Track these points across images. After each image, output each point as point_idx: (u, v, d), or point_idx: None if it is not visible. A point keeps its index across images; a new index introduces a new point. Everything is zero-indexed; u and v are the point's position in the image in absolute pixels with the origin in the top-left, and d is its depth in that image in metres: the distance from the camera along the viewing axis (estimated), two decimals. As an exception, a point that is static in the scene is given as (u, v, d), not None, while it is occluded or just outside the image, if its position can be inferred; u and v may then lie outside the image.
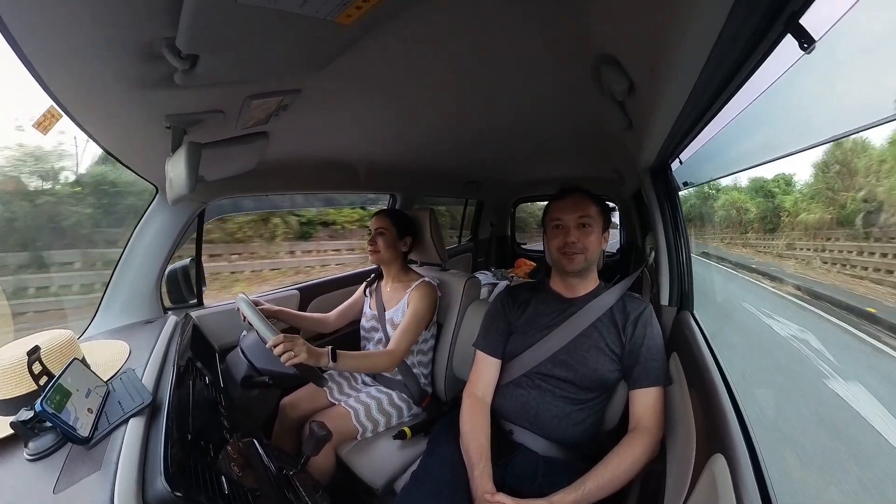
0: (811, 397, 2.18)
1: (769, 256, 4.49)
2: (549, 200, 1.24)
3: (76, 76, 0.67)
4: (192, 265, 1.55)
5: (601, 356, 1.12)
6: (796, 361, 2.54)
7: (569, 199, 1.18)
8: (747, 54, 0.66)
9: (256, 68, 0.71)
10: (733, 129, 1.06)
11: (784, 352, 2.68)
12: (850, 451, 1.69)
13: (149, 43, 0.58)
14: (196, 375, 1.13)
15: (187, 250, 1.58)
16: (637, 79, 0.86)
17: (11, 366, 0.82)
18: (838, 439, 1.77)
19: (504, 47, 0.86)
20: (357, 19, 0.59)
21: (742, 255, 5.11)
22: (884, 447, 1.57)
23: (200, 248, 1.60)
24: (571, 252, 1.15)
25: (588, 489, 0.93)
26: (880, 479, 1.48)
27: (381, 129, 1.40)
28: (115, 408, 0.81)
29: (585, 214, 1.15)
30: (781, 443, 1.40)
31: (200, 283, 1.58)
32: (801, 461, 1.63)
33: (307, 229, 6.95)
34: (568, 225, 1.15)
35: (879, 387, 1.85)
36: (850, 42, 0.61)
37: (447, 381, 1.63)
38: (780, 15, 0.54)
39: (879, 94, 0.68)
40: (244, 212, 4.89)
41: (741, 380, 1.00)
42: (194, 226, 1.52)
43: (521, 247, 4.37)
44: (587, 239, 1.15)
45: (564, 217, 1.16)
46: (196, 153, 0.75)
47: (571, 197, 1.18)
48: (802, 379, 2.39)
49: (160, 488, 0.64)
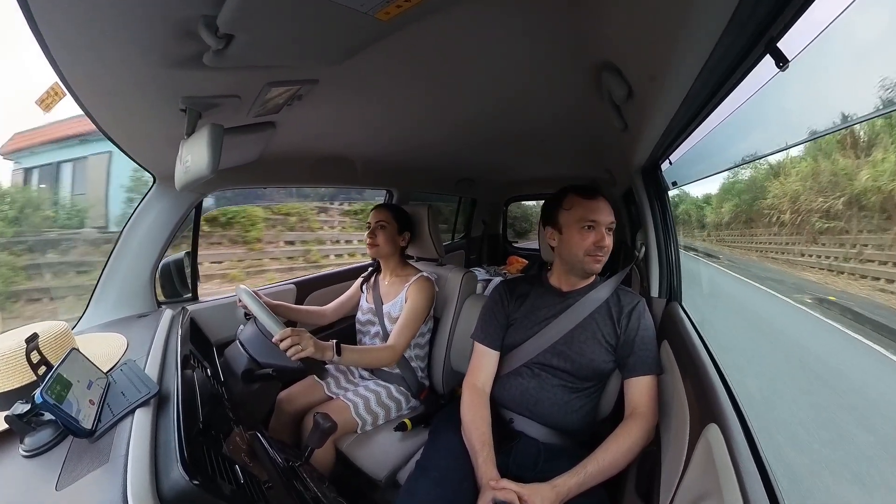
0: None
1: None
2: (573, 195, 1.20)
3: (94, 55, 0.65)
4: (186, 258, 1.52)
5: (597, 347, 1.16)
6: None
7: (602, 201, 1.17)
8: (733, 69, 0.74)
9: (284, 54, 0.72)
10: (719, 133, 1.14)
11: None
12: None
13: (184, 20, 0.58)
14: (197, 368, 1.12)
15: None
16: (636, 86, 0.91)
17: (7, 356, 0.78)
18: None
19: (510, 53, 0.89)
20: (394, 17, 0.61)
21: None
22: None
23: (197, 241, 1.57)
24: (601, 255, 1.15)
25: (589, 472, 0.97)
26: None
27: (383, 125, 1.41)
28: (119, 399, 0.78)
29: (614, 221, 1.17)
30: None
31: (195, 277, 1.56)
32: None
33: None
34: (601, 228, 1.15)
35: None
36: (818, 63, 0.69)
37: (444, 374, 1.65)
38: (762, 38, 0.62)
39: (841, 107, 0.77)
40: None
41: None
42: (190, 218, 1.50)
43: (512, 245, 4.44)
44: (609, 242, 1.16)
45: (601, 218, 1.15)
46: (219, 134, 0.74)
47: (603, 199, 1.18)
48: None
49: (177, 477, 0.62)
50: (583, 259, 1.16)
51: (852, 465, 2.75)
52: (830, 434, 3.03)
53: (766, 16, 0.58)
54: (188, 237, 1.57)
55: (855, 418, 3.19)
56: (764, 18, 0.58)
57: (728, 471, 0.62)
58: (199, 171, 0.74)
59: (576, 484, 0.96)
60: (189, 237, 1.57)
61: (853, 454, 2.83)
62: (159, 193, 1.34)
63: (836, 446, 2.91)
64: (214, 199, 4.44)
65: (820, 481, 2.54)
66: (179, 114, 0.85)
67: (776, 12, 0.56)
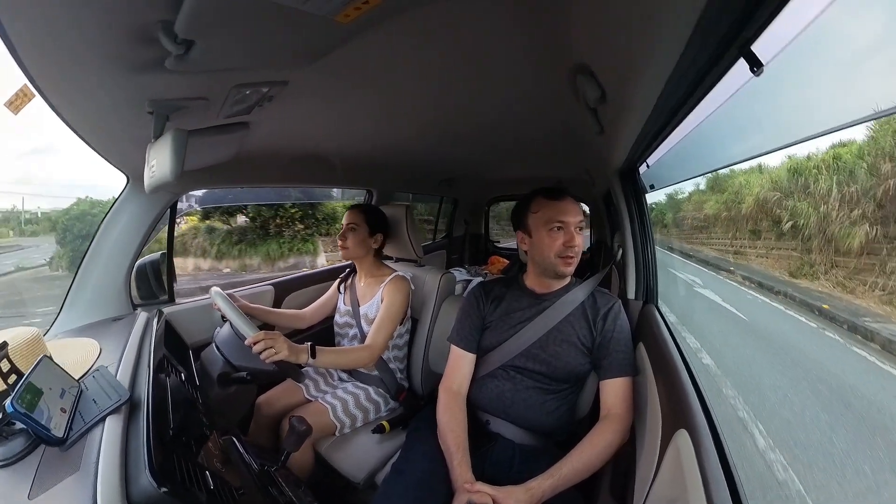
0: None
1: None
2: (540, 197, 1.21)
3: (57, 55, 0.65)
4: (162, 260, 1.50)
5: (573, 349, 1.17)
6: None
7: (569, 202, 1.18)
8: (705, 73, 0.73)
9: (248, 58, 0.71)
10: (694, 137, 1.15)
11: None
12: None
13: (143, 25, 0.57)
14: (171, 372, 1.11)
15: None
16: (609, 88, 0.92)
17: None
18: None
19: (485, 53, 0.89)
20: (354, 19, 0.61)
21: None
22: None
23: (172, 241, 1.55)
24: (573, 255, 1.16)
25: (564, 474, 0.98)
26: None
27: (362, 125, 1.40)
28: (90, 407, 0.78)
29: (582, 220, 1.18)
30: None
31: (171, 278, 1.53)
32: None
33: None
34: (570, 228, 1.16)
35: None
36: (793, 67, 0.70)
37: (423, 375, 1.66)
38: (735, 41, 0.61)
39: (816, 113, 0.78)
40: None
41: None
42: (165, 218, 1.47)
43: (495, 245, 4.46)
44: (580, 241, 1.18)
45: (569, 219, 1.15)
46: (183, 139, 0.73)
47: (570, 199, 1.19)
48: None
49: (145, 484, 0.63)
50: (554, 261, 1.17)
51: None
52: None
53: (739, 17, 0.56)
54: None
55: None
56: (737, 20, 0.57)
57: (696, 479, 0.63)
58: (163, 175, 0.73)
59: (550, 486, 0.97)
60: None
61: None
62: (133, 194, 1.32)
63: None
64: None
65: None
66: (148, 115, 0.84)
67: (748, 14, 0.55)
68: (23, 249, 11.31)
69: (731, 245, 5.41)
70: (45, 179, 20.70)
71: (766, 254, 4.65)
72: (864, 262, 3.29)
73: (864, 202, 3.33)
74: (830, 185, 3.81)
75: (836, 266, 3.46)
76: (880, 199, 3.10)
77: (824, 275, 3.53)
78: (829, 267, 3.52)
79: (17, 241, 11.63)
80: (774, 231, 4.61)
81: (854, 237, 3.34)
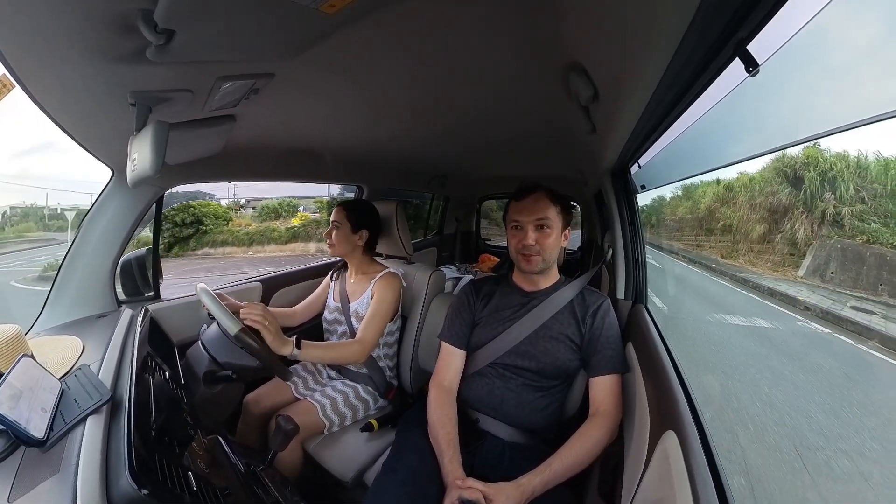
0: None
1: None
2: (512, 198, 1.25)
3: (35, 46, 0.63)
4: (148, 255, 1.47)
5: (562, 346, 1.18)
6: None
7: (528, 200, 1.20)
8: (699, 73, 0.72)
9: (232, 49, 0.70)
10: (687, 138, 1.15)
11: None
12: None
13: (122, 14, 0.55)
14: (155, 371, 1.09)
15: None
16: (601, 87, 0.92)
17: None
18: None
19: (477, 50, 0.88)
20: (339, 10, 0.59)
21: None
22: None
23: (158, 236, 1.52)
24: (529, 253, 1.19)
25: (553, 471, 0.99)
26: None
27: (352, 119, 1.38)
28: (72, 407, 0.76)
29: (543, 217, 1.18)
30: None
31: (157, 274, 1.50)
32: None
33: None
34: (525, 227, 1.19)
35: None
36: (788, 68, 0.69)
37: (412, 373, 1.65)
38: (730, 40, 0.60)
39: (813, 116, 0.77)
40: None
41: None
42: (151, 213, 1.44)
43: (485, 242, 4.46)
44: (546, 240, 1.19)
45: (522, 219, 1.19)
46: (164, 132, 0.71)
47: (532, 197, 1.21)
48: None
49: (125, 486, 0.61)
50: (516, 258, 1.23)
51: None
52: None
53: (734, 16, 0.56)
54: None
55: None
56: (731, 19, 0.57)
57: (683, 480, 0.63)
58: (144, 169, 0.71)
59: (540, 482, 0.97)
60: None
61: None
62: (118, 188, 1.29)
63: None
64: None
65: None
66: (131, 107, 0.81)
67: (744, 13, 0.55)
68: (60, 244, 11.21)
69: (693, 240, 7.24)
70: (60, 175, 20.55)
71: (713, 245, 6.65)
72: (761, 247, 5.65)
73: (759, 210, 5.64)
74: (745, 199, 6.09)
75: (750, 251, 5.77)
76: (767, 208, 5.42)
77: (743, 256, 5.86)
78: (744, 252, 5.86)
79: (49, 236, 11.43)
80: (717, 229, 6.64)
81: (756, 232, 5.67)
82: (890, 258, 3.96)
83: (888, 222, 4.28)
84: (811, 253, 4.79)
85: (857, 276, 4.19)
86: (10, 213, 11.32)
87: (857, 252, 4.34)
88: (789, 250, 5.18)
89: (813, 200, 4.95)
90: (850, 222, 4.57)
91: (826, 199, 4.86)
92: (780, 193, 5.38)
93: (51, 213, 12.39)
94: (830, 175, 4.87)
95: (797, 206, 5.17)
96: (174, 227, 11.56)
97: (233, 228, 12.66)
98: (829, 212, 4.77)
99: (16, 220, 11.35)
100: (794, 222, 5.11)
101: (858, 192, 4.69)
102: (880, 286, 3.88)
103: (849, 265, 4.35)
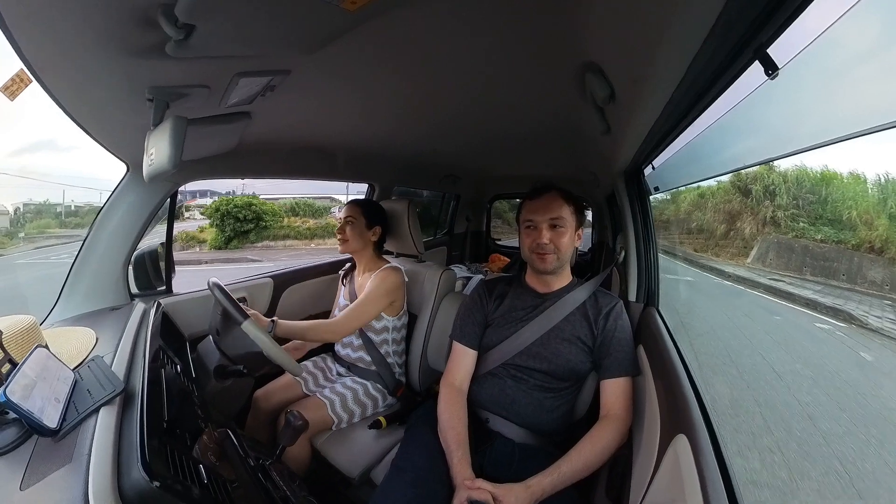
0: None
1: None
2: (525, 198, 1.25)
3: (54, 39, 0.63)
4: (161, 250, 1.48)
5: (573, 348, 1.17)
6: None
7: (542, 200, 1.20)
8: (718, 75, 0.72)
9: (251, 44, 0.70)
10: (703, 140, 1.14)
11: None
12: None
13: (143, 8, 0.56)
14: (167, 364, 1.10)
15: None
16: (618, 88, 0.90)
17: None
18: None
19: (493, 49, 0.88)
20: (361, 6, 0.59)
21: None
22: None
23: (171, 232, 1.54)
24: (543, 252, 1.18)
25: (563, 472, 0.98)
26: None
27: (365, 118, 1.38)
28: (84, 397, 0.77)
29: (558, 216, 1.18)
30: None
31: (170, 269, 1.52)
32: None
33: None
34: (540, 226, 1.18)
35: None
36: (810, 71, 0.68)
37: (421, 371, 1.65)
38: (750, 44, 0.60)
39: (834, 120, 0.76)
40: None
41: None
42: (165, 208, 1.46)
43: (495, 242, 4.44)
44: (560, 240, 1.18)
45: (536, 218, 1.19)
46: (182, 127, 0.72)
47: (546, 197, 1.20)
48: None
49: (137, 478, 0.62)
50: (530, 257, 1.22)
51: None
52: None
53: (755, 21, 0.56)
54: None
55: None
56: (752, 23, 0.57)
57: (694, 485, 0.62)
58: (161, 163, 0.71)
59: (550, 484, 0.96)
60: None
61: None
62: (132, 183, 1.30)
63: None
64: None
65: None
66: (148, 102, 0.82)
67: (765, 17, 0.55)
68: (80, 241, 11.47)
69: (677, 239, 8.49)
70: (77, 173, 21.11)
71: (690, 242, 8.11)
72: (724, 242, 7.15)
73: (722, 213, 7.13)
74: (712, 204, 7.55)
75: (717, 245, 7.25)
76: (727, 212, 6.97)
77: (710, 250, 7.37)
78: (712, 246, 7.36)
79: (71, 232, 11.60)
80: (693, 229, 8.11)
81: (720, 231, 7.20)
82: (811, 248, 5.54)
83: (815, 222, 5.76)
84: (756, 246, 6.57)
85: (788, 262, 5.81)
86: (24, 209, 11.49)
87: (789, 244, 5.98)
88: (742, 244, 6.85)
89: (758, 206, 6.63)
90: (784, 223, 6.16)
91: (766, 205, 6.54)
92: (734, 202, 7.09)
93: (66, 210, 12.63)
94: (771, 189, 6.61)
95: (746, 211, 6.84)
96: (236, 223, 12.21)
97: (292, 223, 13.82)
98: (769, 215, 6.42)
99: (30, 217, 11.54)
100: (744, 223, 6.78)
101: (794, 200, 6.24)
102: (804, 268, 5.43)
103: (783, 253, 6.02)
